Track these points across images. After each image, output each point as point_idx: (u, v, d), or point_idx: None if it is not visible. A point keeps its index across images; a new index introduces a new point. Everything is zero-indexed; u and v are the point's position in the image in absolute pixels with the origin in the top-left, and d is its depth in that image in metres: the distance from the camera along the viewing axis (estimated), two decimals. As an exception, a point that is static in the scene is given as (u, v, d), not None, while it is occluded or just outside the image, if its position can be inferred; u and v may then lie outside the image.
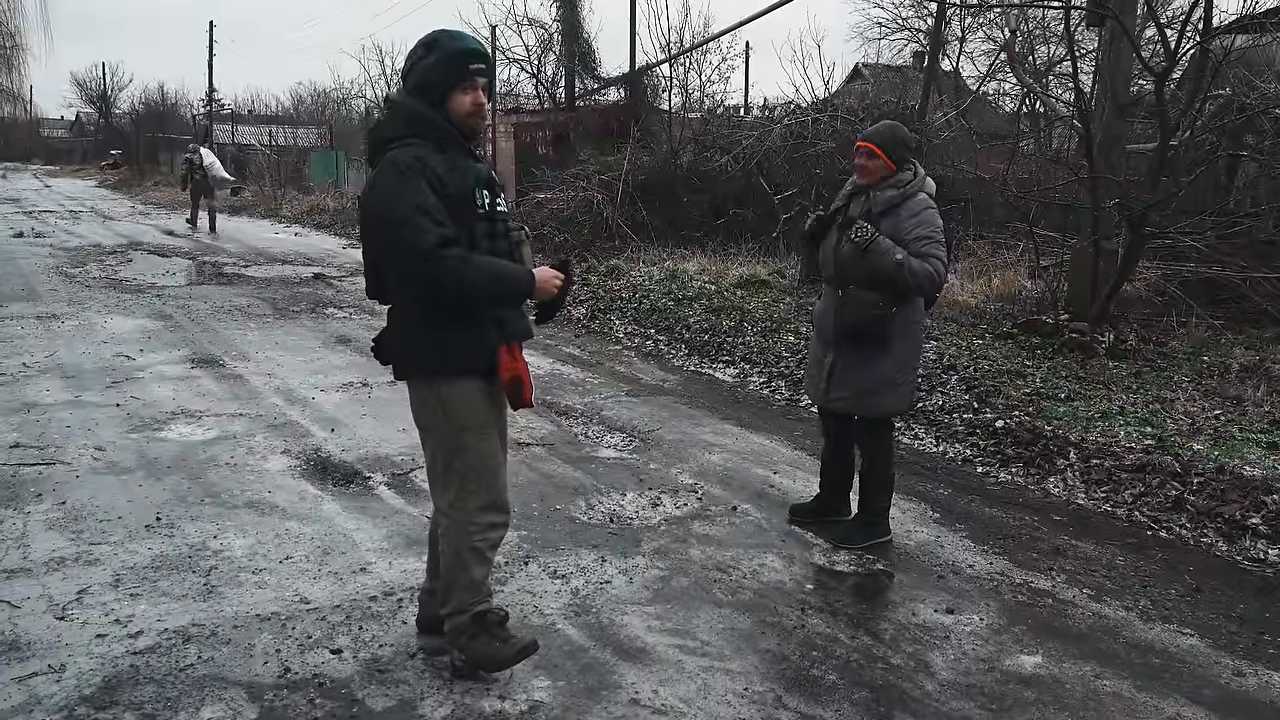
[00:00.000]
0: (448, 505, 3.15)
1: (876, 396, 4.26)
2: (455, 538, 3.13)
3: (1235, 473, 5.10)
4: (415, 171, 2.92)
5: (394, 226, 2.92)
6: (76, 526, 4.31)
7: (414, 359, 3.15)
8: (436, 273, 2.89)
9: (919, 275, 4.07)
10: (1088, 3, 8.85)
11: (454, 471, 3.12)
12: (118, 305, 10.20)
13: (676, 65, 18.50)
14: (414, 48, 3.09)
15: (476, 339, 3.04)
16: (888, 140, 4.23)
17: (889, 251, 4.04)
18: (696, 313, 9.69)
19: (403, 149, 2.98)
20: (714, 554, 4.28)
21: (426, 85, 3.04)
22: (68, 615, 3.50)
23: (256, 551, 4.12)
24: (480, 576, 3.15)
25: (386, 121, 3.15)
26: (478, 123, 3.14)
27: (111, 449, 5.39)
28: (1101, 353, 7.83)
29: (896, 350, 4.24)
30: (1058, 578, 4.16)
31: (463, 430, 3.10)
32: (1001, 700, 3.19)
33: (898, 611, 3.82)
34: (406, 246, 2.89)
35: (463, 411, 3.10)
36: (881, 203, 4.17)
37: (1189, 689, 3.29)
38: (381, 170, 3.00)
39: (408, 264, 2.92)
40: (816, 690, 3.20)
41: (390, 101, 3.26)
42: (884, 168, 4.19)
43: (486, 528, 3.14)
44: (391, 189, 2.94)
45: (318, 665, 3.24)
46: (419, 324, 3.07)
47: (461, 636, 3.14)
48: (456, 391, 3.09)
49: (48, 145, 66.64)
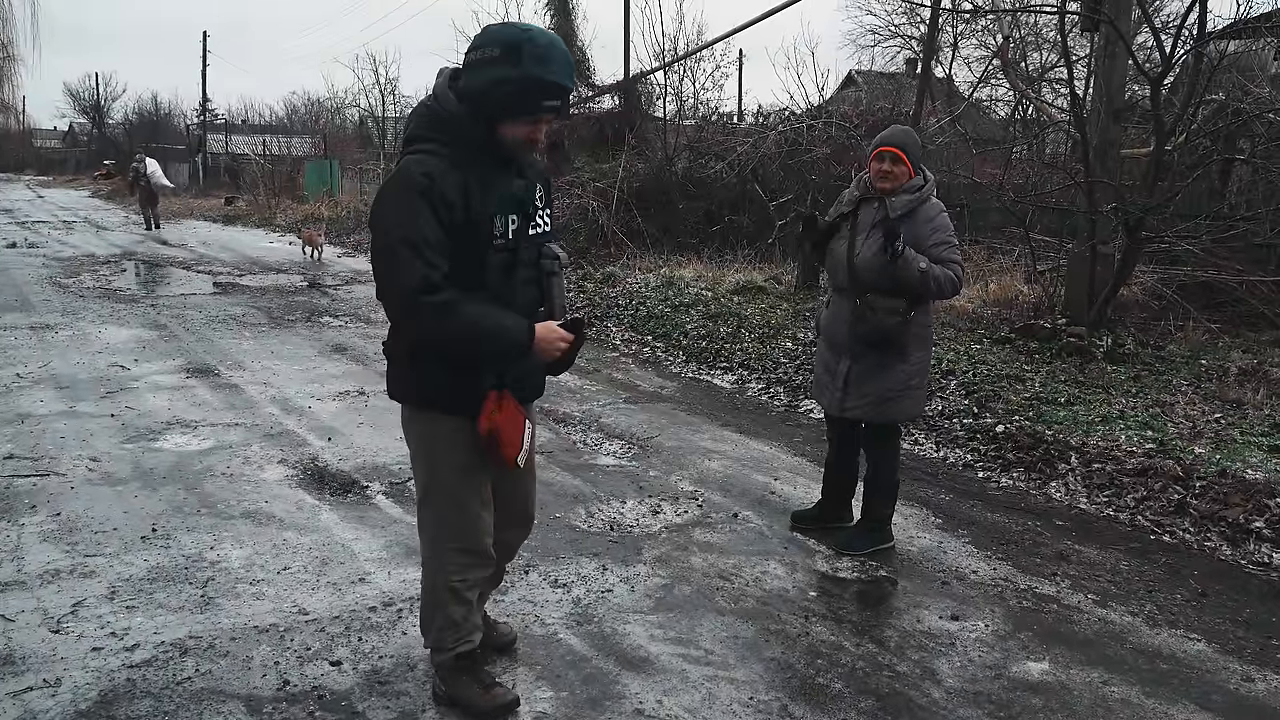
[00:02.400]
0: (427, 543, 3.00)
1: (894, 403, 4.24)
2: (433, 573, 2.98)
3: (1237, 476, 5.08)
4: (418, 192, 2.57)
5: (378, 254, 2.64)
6: (71, 538, 4.26)
7: (402, 384, 2.89)
8: (411, 319, 2.62)
9: (942, 282, 4.05)
10: (1082, 8, 8.86)
11: (429, 508, 2.95)
12: (112, 315, 10.15)
13: (671, 73, 18.50)
14: (490, 41, 2.60)
15: (468, 379, 2.74)
16: (912, 146, 4.18)
17: (915, 260, 4.01)
18: (693, 319, 9.66)
19: (419, 159, 2.64)
20: (716, 561, 4.25)
21: (486, 97, 2.60)
22: (63, 628, 3.46)
23: (254, 562, 4.07)
24: (459, 616, 2.97)
25: (420, 116, 2.74)
26: (524, 154, 2.75)
27: (106, 460, 5.34)
28: (1099, 357, 7.82)
29: (914, 356, 4.21)
30: (1062, 583, 4.13)
31: (441, 469, 2.87)
32: (1009, 708, 3.15)
33: (902, 618, 3.78)
34: (387, 281, 2.62)
35: (443, 451, 2.85)
36: (899, 208, 4.11)
37: (1198, 695, 3.26)
38: (390, 180, 2.70)
39: (386, 299, 2.65)
40: (822, 699, 3.17)
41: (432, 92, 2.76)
42: (908, 173, 4.14)
43: (464, 569, 2.95)
44: (387, 208, 2.64)
45: (317, 678, 3.19)
46: (409, 351, 2.82)
47: (443, 671, 3.03)
48: (441, 428, 2.83)
49: (40, 156, 66.42)
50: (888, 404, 4.24)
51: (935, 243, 4.07)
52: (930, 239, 4.07)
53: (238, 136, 43.47)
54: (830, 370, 4.38)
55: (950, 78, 22.80)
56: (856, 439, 4.47)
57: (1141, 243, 8.39)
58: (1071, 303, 9.00)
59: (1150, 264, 9.82)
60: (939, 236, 4.08)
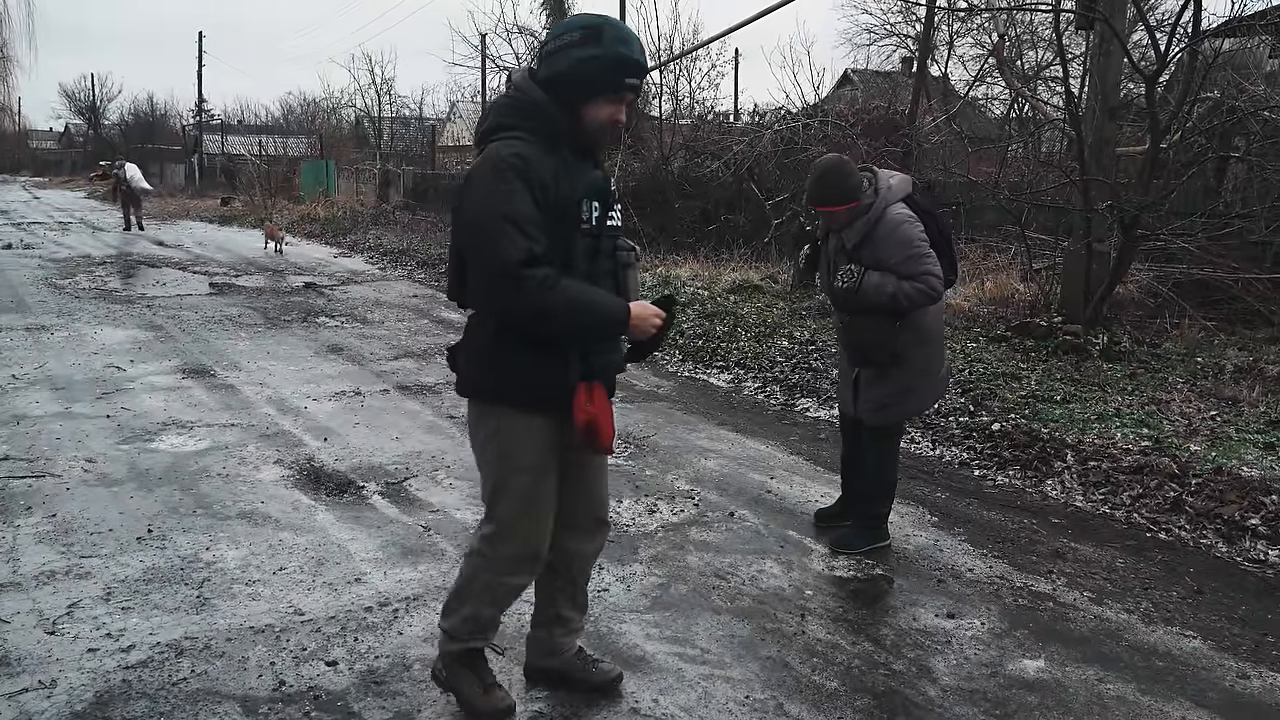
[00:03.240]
0: (481, 538, 2.92)
1: (892, 408, 4.31)
2: (478, 567, 2.92)
3: (1233, 473, 5.09)
4: (515, 172, 2.58)
5: (475, 232, 2.62)
6: (67, 539, 4.25)
7: (477, 380, 2.82)
8: (513, 292, 2.57)
9: (914, 298, 4.05)
10: (1077, 5, 8.87)
11: (496, 509, 2.87)
12: (107, 316, 10.14)
13: (666, 72, 18.52)
14: (569, 28, 2.70)
15: (553, 373, 2.70)
16: (833, 191, 4.13)
17: (879, 287, 4.03)
18: (689, 318, 9.67)
19: (508, 142, 2.64)
20: (712, 560, 4.25)
21: (570, 78, 2.65)
22: (58, 629, 3.45)
23: (250, 563, 4.07)
24: (487, 616, 2.95)
25: (502, 106, 2.76)
26: (604, 137, 2.78)
27: (102, 461, 5.34)
28: (1095, 355, 7.84)
29: (915, 357, 4.22)
30: (1058, 581, 4.14)
31: (513, 472, 2.80)
32: (1005, 705, 3.16)
33: (898, 617, 3.79)
34: (486, 257, 2.58)
35: (518, 451, 2.79)
36: (854, 237, 4.13)
37: (1194, 692, 3.26)
38: (479, 164, 2.67)
39: (484, 276, 2.62)
40: (818, 697, 3.17)
41: (513, 84, 2.80)
42: (847, 211, 4.13)
43: (513, 573, 2.91)
44: (484, 188, 2.62)
45: (313, 678, 3.19)
46: (491, 342, 2.75)
47: (449, 659, 3.00)
48: (518, 427, 2.77)
49: (36, 157, 66.37)
50: (886, 409, 4.30)
51: (899, 260, 4.04)
52: (894, 257, 4.04)
53: (234, 137, 43.53)
54: (844, 374, 4.53)
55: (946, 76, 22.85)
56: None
57: (1137, 241, 8.42)
58: (1067, 301, 9.02)
59: (1147, 262, 9.84)
60: (903, 252, 4.04)
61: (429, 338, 9.39)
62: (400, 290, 12.93)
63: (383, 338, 9.33)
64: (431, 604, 3.69)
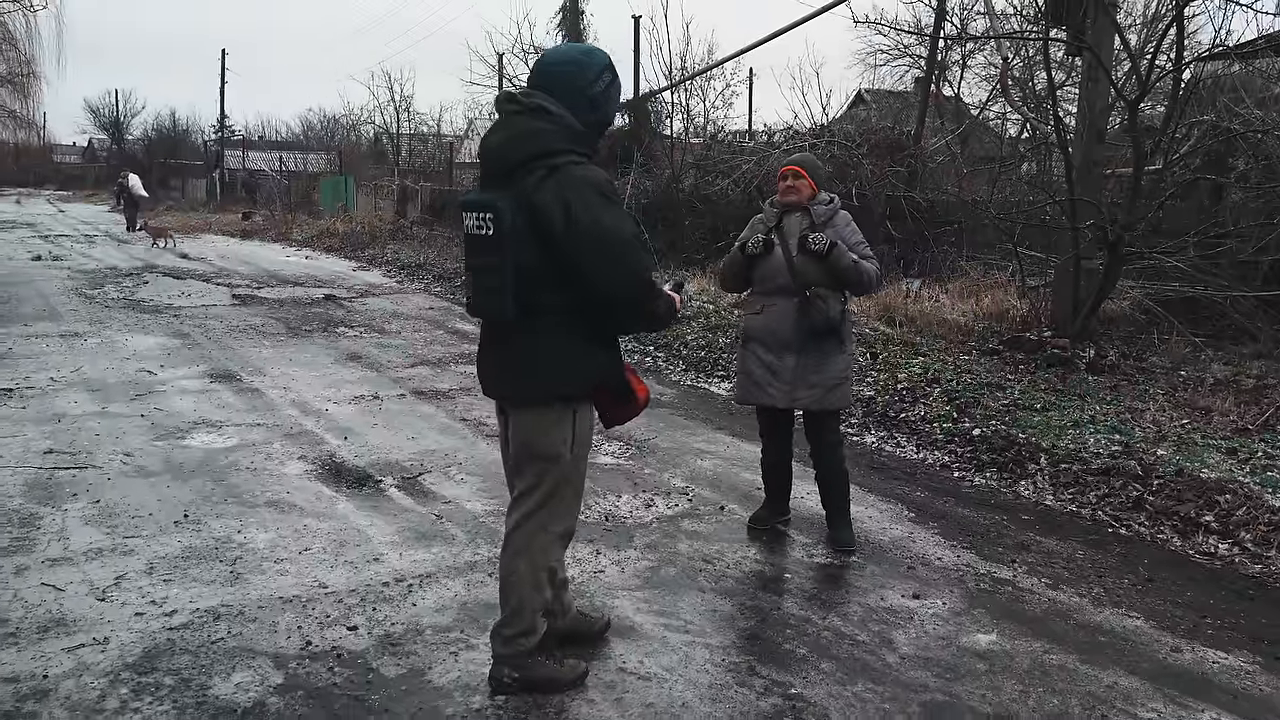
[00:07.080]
0: (539, 525, 3.13)
1: (838, 389, 4.61)
2: (535, 556, 3.14)
3: (1193, 475, 5.42)
4: (616, 195, 3.01)
5: (614, 249, 2.90)
6: (111, 522, 4.66)
7: (547, 383, 3.03)
8: (653, 295, 3.04)
9: (869, 273, 4.57)
10: (1067, 35, 9.24)
11: (559, 496, 3.12)
12: (137, 324, 10.60)
13: (679, 91, 18.95)
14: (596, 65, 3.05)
15: (615, 358, 3.14)
16: (810, 165, 4.78)
17: (845, 254, 4.52)
18: (695, 330, 10.05)
19: (586, 166, 2.96)
20: (701, 547, 4.61)
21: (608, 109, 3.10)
22: (108, 597, 3.85)
23: (277, 544, 4.46)
24: (549, 599, 3.23)
25: (549, 134, 2.95)
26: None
27: (139, 455, 5.75)
28: (1082, 368, 8.16)
29: (848, 346, 4.67)
30: (1019, 569, 4.48)
31: (581, 460, 3.16)
32: (955, 670, 3.51)
33: (867, 597, 4.14)
34: (628, 267, 2.94)
35: (585, 438, 3.14)
36: (821, 215, 4.65)
37: (1128, 663, 3.61)
38: (583, 182, 2.90)
39: (627, 285, 2.96)
40: (787, 661, 3.53)
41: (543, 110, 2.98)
42: (809, 188, 4.68)
43: (559, 549, 3.24)
44: (606, 211, 2.91)
45: (336, 640, 3.57)
46: (581, 345, 3.04)
47: (520, 660, 3.18)
48: (585, 417, 3.12)
49: (61, 171, 67.42)
50: (833, 391, 4.60)
51: (856, 242, 4.60)
52: (851, 239, 4.60)
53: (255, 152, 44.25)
54: (772, 369, 4.61)
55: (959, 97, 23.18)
56: (790, 428, 4.84)
57: (1123, 258, 8.74)
58: (1058, 316, 9.35)
59: (1138, 279, 10.14)
60: (857, 238, 4.64)
61: (444, 347, 9.80)
62: (417, 303, 13.37)
63: (400, 347, 9.76)
64: (443, 580, 4.09)
